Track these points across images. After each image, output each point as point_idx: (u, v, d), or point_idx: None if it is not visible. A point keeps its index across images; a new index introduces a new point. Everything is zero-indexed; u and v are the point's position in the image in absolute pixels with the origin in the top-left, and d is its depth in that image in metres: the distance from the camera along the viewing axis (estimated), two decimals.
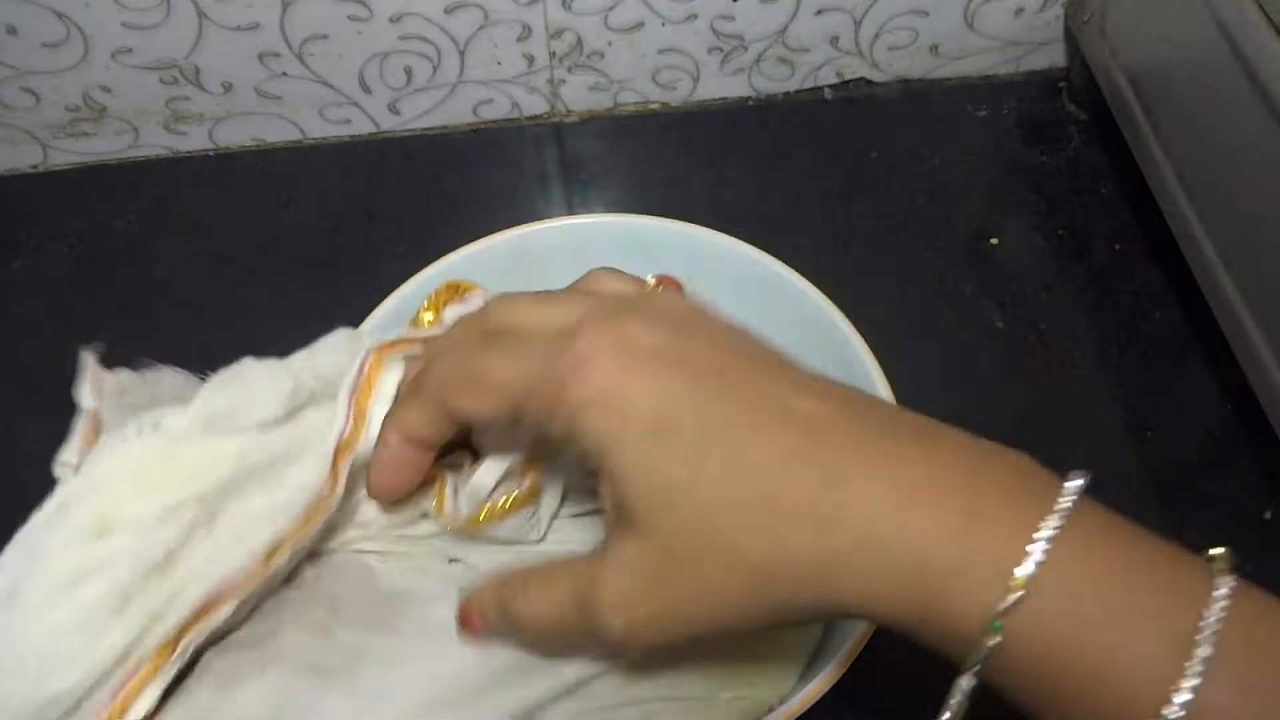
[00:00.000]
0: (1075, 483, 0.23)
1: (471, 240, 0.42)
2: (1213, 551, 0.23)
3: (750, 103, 0.58)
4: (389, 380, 0.31)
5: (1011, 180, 0.54)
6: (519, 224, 0.52)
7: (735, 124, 0.57)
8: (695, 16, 0.52)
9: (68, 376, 0.48)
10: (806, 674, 0.31)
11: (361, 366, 0.31)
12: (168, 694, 0.27)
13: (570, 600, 0.26)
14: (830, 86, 0.58)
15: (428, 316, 0.38)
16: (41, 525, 0.27)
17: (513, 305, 0.29)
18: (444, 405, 0.29)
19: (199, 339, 0.49)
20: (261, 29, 0.49)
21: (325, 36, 0.50)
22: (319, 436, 0.30)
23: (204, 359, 0.49)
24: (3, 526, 0.45)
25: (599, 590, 0.25)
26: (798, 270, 0.46)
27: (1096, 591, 0.22)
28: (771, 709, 0.30)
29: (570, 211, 0.53)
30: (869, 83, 0.58)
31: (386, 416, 0.30)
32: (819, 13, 0.53)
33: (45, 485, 0.46)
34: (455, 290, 0.39)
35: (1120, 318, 0.49)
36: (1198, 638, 0.21)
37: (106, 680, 0.25)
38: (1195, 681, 0.20)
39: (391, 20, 0.50)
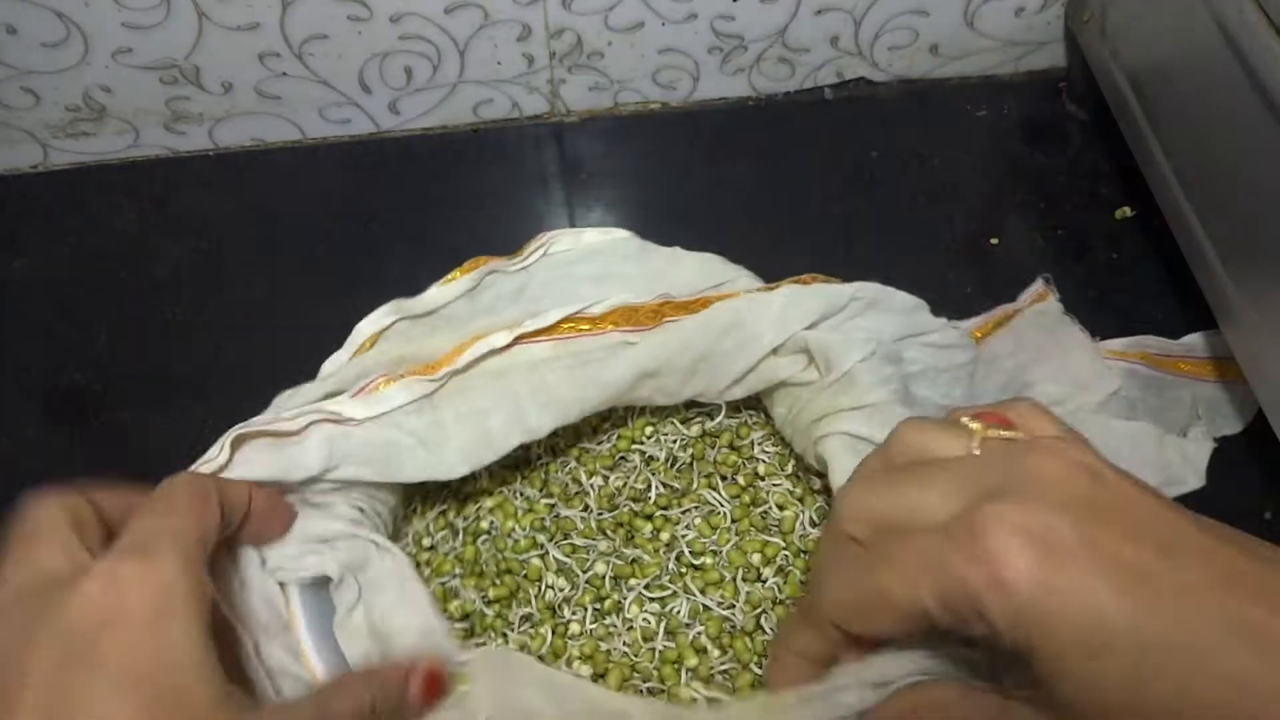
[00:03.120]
0: None
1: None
2: None
3: (750, 103, 0.58)
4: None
5: (1011, 180, 0.54)
6: (519, 224, 0.52)
7: (735, 124, 0.57)
8: (695, 16, 0.52)
9: (68, 376, 0.48)
10: None
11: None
12: None
13: None
14: (830, 86, 0.58)
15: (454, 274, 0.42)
16: None
17: (875, 497, 0.28)
18: (839, 629, 0.28)
19: (199, 339, 0.49)
20: (261, 29, 0.49)
21: (325, 36, 0.50)
22: None
23: (204, 358, 0.49)
24: (3, 523, 0.45)
25: None
26: (796, 270, 0.46)
27: None
28: None
29: (570, 212, 0.53)
30: (869, 83, 0.58)
31: (778, 639, 0.31)
32: (819, 13, 0.53)
33: (44, 481, 0.46)
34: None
35: (1120, 318, 0.49)
36: None
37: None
38: None
39: (391, 20, 0.50)
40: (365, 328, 0.42)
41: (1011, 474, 0.26)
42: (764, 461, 0.41)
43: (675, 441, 0.42)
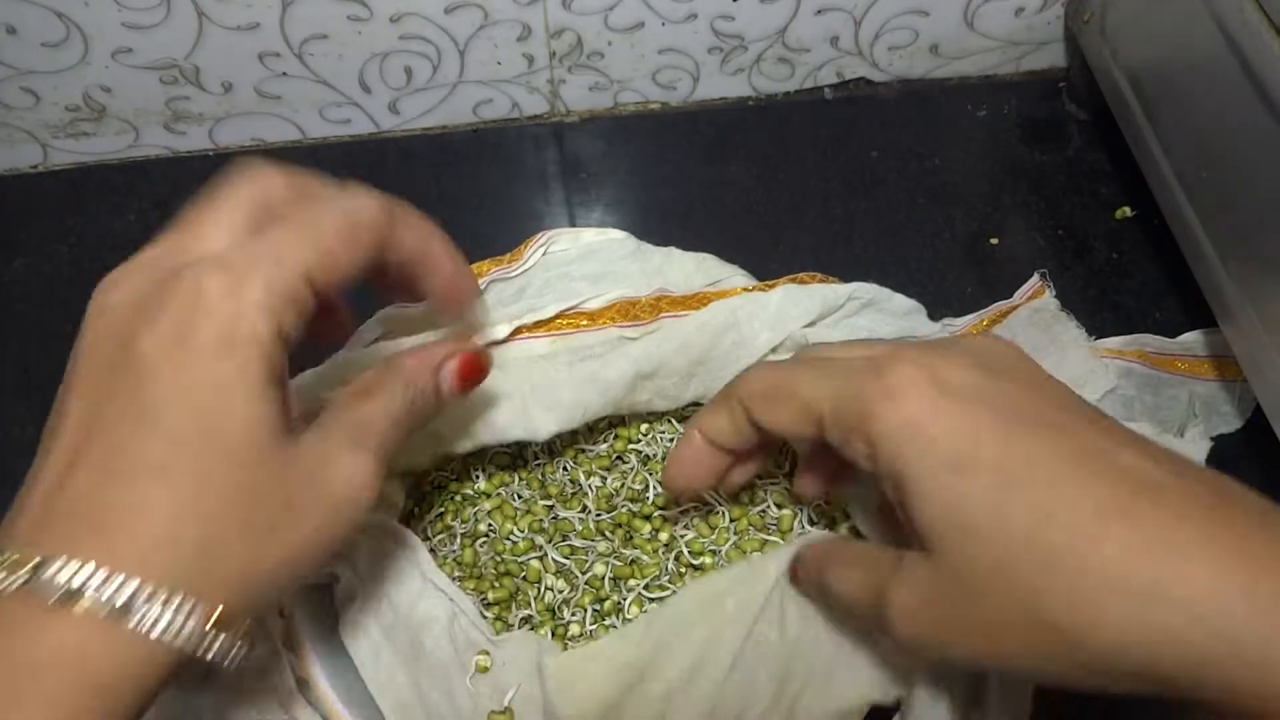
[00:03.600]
0: None
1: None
2: None
3: (750, 103, 0.58)
4: None
5: (1011, 180, 0.54)
6: (519, 224, 0.52)
7: (735, 124, 0.57)
8: (695, 16, 0.52)
9: None
10: None
11: None
12: None
13: (866, 590, 0.27)
14: (830, 86, 0.58)
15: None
16: None
17: (823, 345, 0.31)
18: (749, 414, 0.30)
19: None
20: (261, 29, 0.49)
21: (325, 36, 0.50)
22: None
23: None
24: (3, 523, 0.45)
25: (889, 594, 0.26)
26: (796, 270, 0.46)
27: None
28: None
29: (570, 212, 0.53)
30: (869, 83, 0.58)
31: (694, 417, 0.33)
32: (819, 13, 0.53)
33: None
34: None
35: (1120, 318, 0.49)
36: None
37: None
38: None
39: (391, 20, 0.50)
40: (367, 333, 0.42)
41: (939, 341, 0.29)
42: None
43: (672, 441, 0.42)
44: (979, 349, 0.27)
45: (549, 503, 0.41)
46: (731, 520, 0.40)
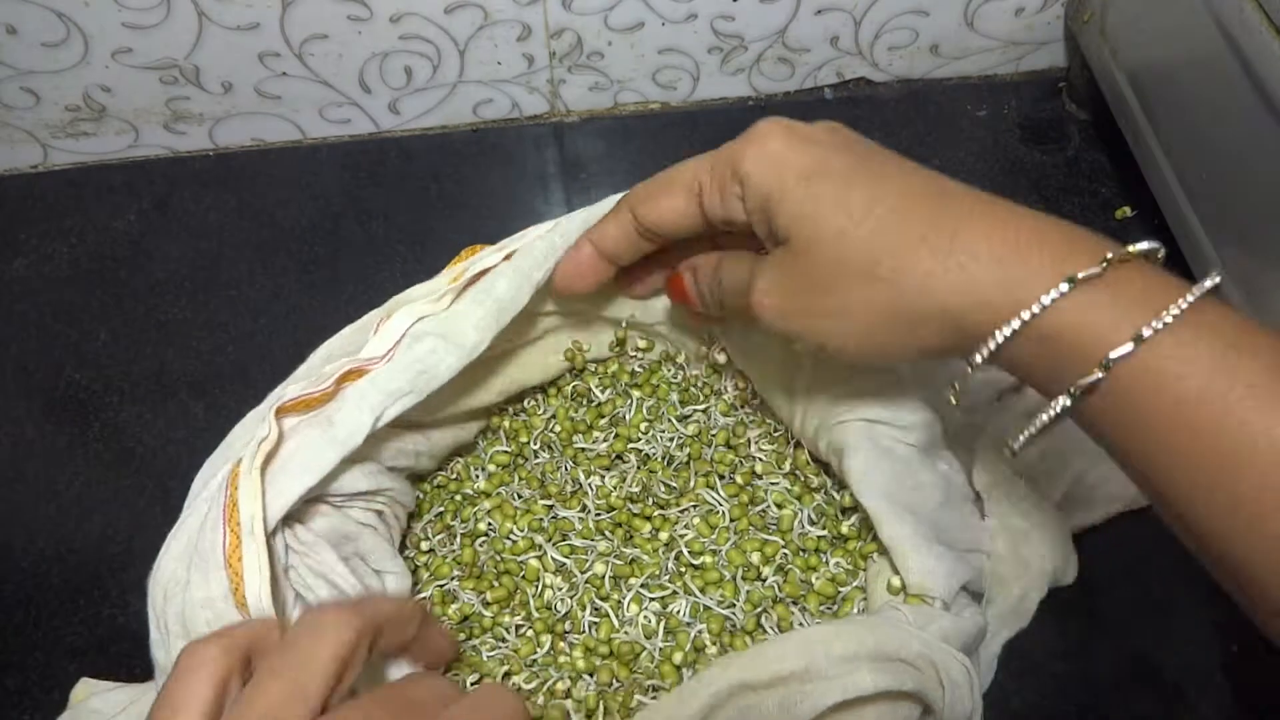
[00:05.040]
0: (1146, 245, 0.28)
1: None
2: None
3: (750, 103, 0.58)
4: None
5: (1011, 180, 0.54)
6: (519, 224, 0.52)
7: (735, 124, 0.56)
8: (695, 16, 0.52)
9: (68, 376, 0.48)
10: None
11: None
12: None
13: (745, 277, 0.33)
14: (830, 86, 0.58)
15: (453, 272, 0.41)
16: None
17: None
18: (634, 215, 0.35)
19: (199, 339, 0.49)
20: (261, 29, 0.49)
21: (325, 36, 0.50)
22: None
23: (204, 358, 0.49)
24: (3, 523, 0.45)
25: (756, 279, 0.32)
26: None
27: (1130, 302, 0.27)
28: None
29: (570, 212, 0.53)
30: (869, 83, 0.58)
31: (590, 230, 0.37)
32: (819, 13, 0.53)
33: (44, 481, 0.46)
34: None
35: None
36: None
37: None
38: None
39: (391, 20, 0.50)
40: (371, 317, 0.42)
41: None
42: (761, 460, 0.41)
43: (672, 440, 0.42)
44: (833, 125, 0.33)
45: (549, 502, 0.41)
46: (732, 520, 0.40)
